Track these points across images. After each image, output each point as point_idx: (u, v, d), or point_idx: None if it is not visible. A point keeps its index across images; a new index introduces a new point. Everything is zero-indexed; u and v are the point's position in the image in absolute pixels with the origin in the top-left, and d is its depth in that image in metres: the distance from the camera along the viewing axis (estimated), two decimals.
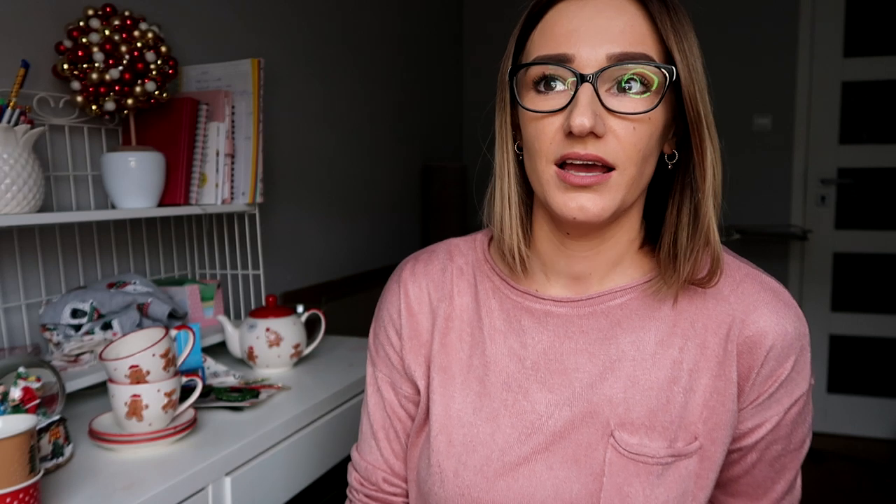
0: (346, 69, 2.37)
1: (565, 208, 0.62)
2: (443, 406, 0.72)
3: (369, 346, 0.82)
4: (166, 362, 0.98)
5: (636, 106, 0.60)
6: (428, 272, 0.77)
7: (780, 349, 0.66)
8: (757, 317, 0.66)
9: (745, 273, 0.69)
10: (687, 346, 0.67)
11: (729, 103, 3.04)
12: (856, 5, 2.92)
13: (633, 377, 0.67)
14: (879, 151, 2.97)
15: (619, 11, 0.60)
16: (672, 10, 0.61)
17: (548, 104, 0.62)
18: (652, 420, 0.66)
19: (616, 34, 0.60)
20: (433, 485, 0.71)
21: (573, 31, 0.61)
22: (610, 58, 0.60)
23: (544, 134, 0.62)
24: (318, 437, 1.19)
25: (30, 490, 0.73)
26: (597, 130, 0.59)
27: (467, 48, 3.44)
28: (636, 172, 0.62)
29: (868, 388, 3.06)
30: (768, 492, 0.73)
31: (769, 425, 0.68)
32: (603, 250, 0.69)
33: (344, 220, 2.38)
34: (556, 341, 0.70)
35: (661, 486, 0.65)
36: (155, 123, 1.40)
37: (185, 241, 1.64)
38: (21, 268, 1.25)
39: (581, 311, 0.70)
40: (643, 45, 0.60)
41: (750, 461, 0.71)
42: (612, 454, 0.65)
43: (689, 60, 0.61)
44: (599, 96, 0.59)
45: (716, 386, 0.66)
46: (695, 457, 0.66)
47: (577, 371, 0.68)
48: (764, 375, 0.66)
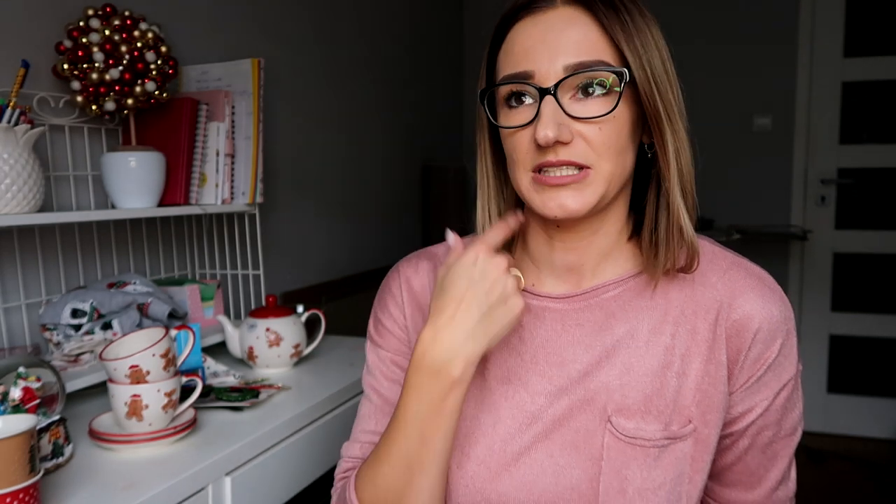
0: (347, 69, 2.37)
1: (546, 208, 0.65)
2: None
3: (369, 331, 0.83)
4: (166, 362, 0.98)
5: (599, 108, 0.64)
6: (428, 269, 0.80)
7: (767, 332, 0.69)
8: (743, 301, 0.69)
9: (731, 261, 0.72)
10: (678, 333, 0.70)
11: (729, 103, 3.04)
12: (856, 5, 2.92)
13: (628, 364, 0.70)
14: (879, 151, 2.97)
15: (570, 24, 0.64)
16: (622, 12, 0.64)
17: (518, 118, 0.66)
18: (647, 405, 0.68)
19: (570, 46, 0.63)
20: None
21: (530, 48, 0.65)
22: (567, 68, 0.63)
23: (520, 145, 0.66)
24: (318, 437, 1.19)
25: (30, 490, 0.73)
26: (562, 139, 0.63)
27: (467, 48, 3.44)
28: (612, 167, 0.65)
29: (868, 388, 3.06)
30: (762, 480, 0.74)
31: (759, 409, 0.71)
32: (593, 241, 0.71)
33: (344, 220, 2.38)
34: (554, 335, 0.73)
35: (658, 468, 0.67)
36: (155, 123, 1.40)
37: (185, 241, 1.64)
38: (21, 268, 1.25)
39: (577, 306, 0.72)
40: (596, 51, 0.64)
41: (742, 447, 0.73)
42: (610, 439, 0.68)
43: (643, 58, 0.64)
44: (562, 105, 0.63)
45: (707, 369, 0.69)
46: (689, 439, 0.69)
47: (575, 362, 0.71)
48: (752, 358, 0.69)
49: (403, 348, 0.80)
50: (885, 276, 3.01)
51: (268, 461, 1.07)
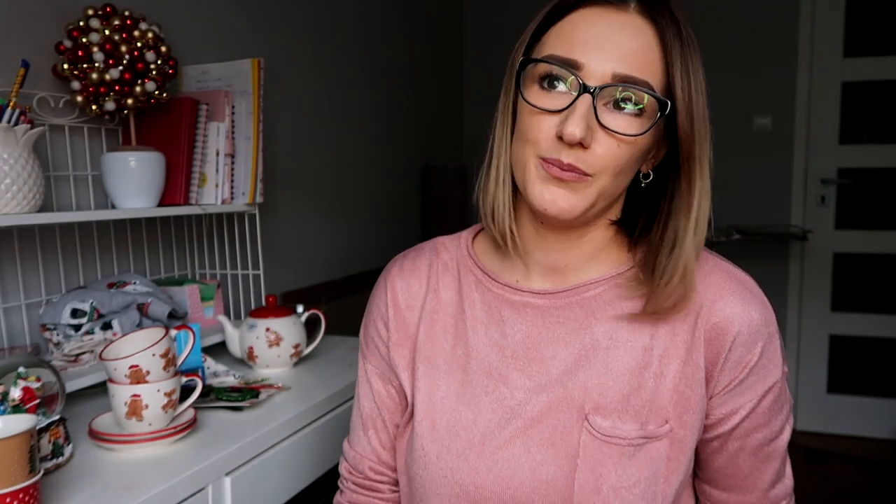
0: (347, 69, 2.37)
1: (540, 198, 0.65)
2: (427, 394, 0.75)
3: (360, 340, 0.86)
4: (166, 362, 0.98)
5: (627, 126, 0.63)
6: (415, 269, 0.81)
7: (747, 335, 0.68)
8: (723, 304, 0.69)
9: (713, 264, 0.72)
10: (657, 333, 0.70)
11: (729, 103, 3.04)
12: (856, 5, 2.92)
13: (606, 364, 0.70)
14: (879, 151, 2.97)
15: (635, 32, 0.63)
16: (685, 43, 0.63)
17: (548, 102, 0.64)
18: (624, 404, 0.69)
19: (627, 54, 0.62)
20: (418, 468, 0.74)
21: (589, 40, 0.63)
22: (615, 77, 0.62)
23: (538, 129, 0.65)
24: (318, 437, 1.19)
25: (30, 490, 0.73)
26: (585, 142, 0.62)
27: (467, 48, 3.44)
28: (609, 183, 0.65)
29: (868, 388, 3.06)
30: (758, 482, 0.75)
31: (744, 411, 0.71)
32: (579, 244, 0.72)
33: (344, 220, 2.38)
34: (535, 331, 0.73)
35: (633, 466, 0.68)
36: (155, 123, 1.40)
37: (185, 241, 1.64)
38: (21, 268, 1.24)
39: (558, 303, 0.73)
40: (649, 71, 0.63)
41: (731, 450, 0.73)
42: (587, 437, 0.68)
43: (688, 95, 0.63)
44: (596, 110, 0.62)
45: (685, 371, 0.69)
46: (665, 439, 0.69)
47: (554, 359, 0.72)
48: (733, 362, 0.69)
49: (385, 367, 0.81)
50: (885, 276, 3.01)
51: (268, 461, 1.07)
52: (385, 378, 0.82)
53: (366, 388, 0.84)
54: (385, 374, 0.82)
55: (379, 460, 0.83)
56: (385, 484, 0.84)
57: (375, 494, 0.84)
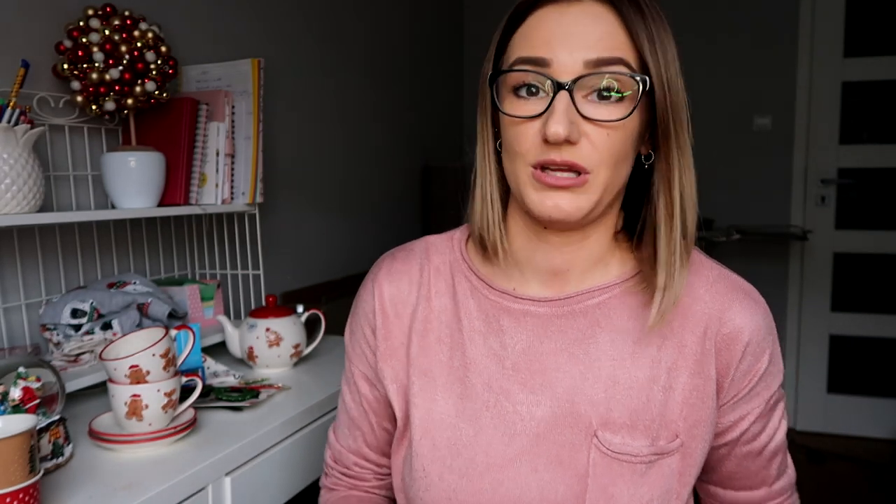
0: (347, 69, 2.37)
1: (542, 206, 0.63)
2: (425, 409, 0.72)
3: (346, 342, 0.83)
4: (166, 362, 0.98)
5: (611, 113, 0.61)
6: (405, 272, 0.77)
7: (756, 344, 0.68)
8: (733, 314, 0.68)
9: (717, 273, 0.71)
10: (665, 345, 0.68)
11: (729, 103, 3.04)
12: (856, 5, 2.92)
13: (614, 377, 0.68)
14: (879, 151, 2.97)
15: (596, 20, 0.62)
16: (649, 19, 0.62)
17: (526, 109, 0.63)
18: (633, 419, 0.67)
19: (593, 41, 0.61)
20: (419, 489, 0.70)
21: (552, 37, 0.62)
22: (587, 64, 0.61)
23: (523, 138, 0.63)
24: (318, 436, 1.19)
25: (30, 490, 0.73)
26: (571, 138, 0.60)
27: (467, 48, 3.44)
28: (610, 175, 0.63)
29: (868, 388, 3.06)
30: (765, 478, 0.76)
31: (752, 417, 0.71)
32: (585, 245, 0.69)
33: (344, 220, 2.38)
34: (536, 341, 0.70)
35: (646, 484, 0.66)
36: (155, 123, 1.40)
37: (185, 241, 1.64)
38: (21, 268, 1.24)
39: (559, 311, 0.70)
40: (619, 51, 0.61)
41: (740, 454, 0.73)
42: (596, 454, 0.66)
43: (662, 70, 0.62)
44: (575, 103, 0.61)
45: (695, 384, 0.68)
46: (676, 454, 0.67)
47: (558, 371, 0.69)
48: (743, 371, 0.68)
49: (371, 373, 0.79)
50: (885, 276, 3.01)
51: (268, 461, 1.07)
52: (371, 383, 0.79)
53: (353, 389, 0.82)
54: (372, 379, 0.79)
55: (365, 459, 0.83)
56: (370, 473, 0.84)
57: (361, 483, 0.84)
